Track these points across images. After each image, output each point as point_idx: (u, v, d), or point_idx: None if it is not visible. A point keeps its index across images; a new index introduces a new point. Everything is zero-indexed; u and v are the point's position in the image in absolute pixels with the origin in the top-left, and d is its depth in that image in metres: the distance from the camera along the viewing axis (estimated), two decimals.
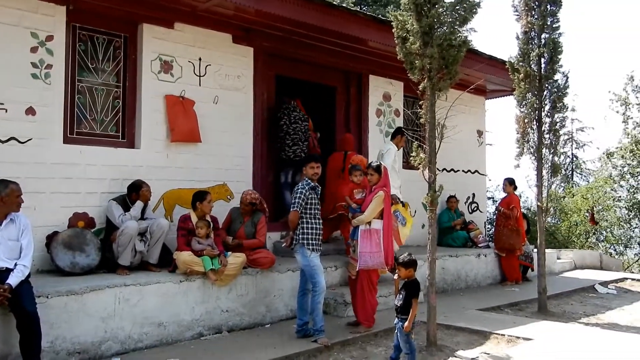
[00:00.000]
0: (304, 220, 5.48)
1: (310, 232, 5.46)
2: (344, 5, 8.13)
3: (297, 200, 5.47)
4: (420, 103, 5.53)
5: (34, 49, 5.68)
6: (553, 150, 7.27)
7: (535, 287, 7.43)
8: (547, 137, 7.23)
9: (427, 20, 5.26)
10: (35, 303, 4.32)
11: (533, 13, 7.20)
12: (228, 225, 6.37)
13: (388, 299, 6.58)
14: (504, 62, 7.68)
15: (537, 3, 7.19)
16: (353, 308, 6.03)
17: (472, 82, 7.30)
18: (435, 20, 5.29)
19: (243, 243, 6.15)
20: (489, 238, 10.46)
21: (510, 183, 9.51)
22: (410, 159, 5.63)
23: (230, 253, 5.84)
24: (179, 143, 6.66)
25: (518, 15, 7.36)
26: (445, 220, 9.79)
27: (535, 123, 7.21)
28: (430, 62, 5.28)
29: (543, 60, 7.20)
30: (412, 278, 4.75)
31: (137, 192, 5.88)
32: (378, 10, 18.47)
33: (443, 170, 9.77)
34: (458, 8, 5.38)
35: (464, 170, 10.81)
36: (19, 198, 4.49)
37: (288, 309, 6.26)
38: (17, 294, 4.20)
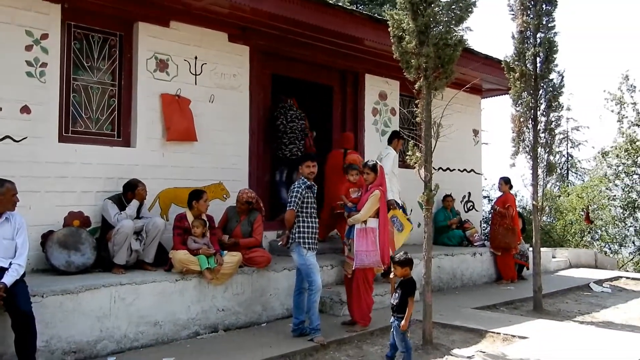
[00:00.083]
0: (300, 219, 5.48)
1: (307, 230, 5.47)
2: (340, 4, 8.14)
3: (293, 199, 5.47)
4: (416, 102, 5.54)
5: (29, 47, 5.65)
6: (548, 149, 7.30)
7: (531, 285, 7.47)
8: (542, 136, 7.26)
9: (423, 20, 5.27)
10: (31, 302, 4.30)
11: (529, 12, 7.23)
12: (224, 224, 6.37)
13: (384, 298, 6.58)
14: (500, 61, 7.68)
15: (532, 2, 7.21)
16: (349, 307, 6.04)
17: (468, 81, 7.30)
18: (431, 20, 5.30)
19: (239, 242, 6.15)
20: (485, 237, 10.50)
21: (506, 182, 9.53)
22: (407, 158, 5.63)
23: (226, 252, 5.84)
24: (175, 142, 6.65)
25: (514, 15, 7.38)
26: (441, 219, 9.80)
27: (531, 122, 7.23)
28: (426, 61, 5.28)
29: (538, 60, 7.23)
30: (408, 277, 4.77)
31: (132, 191, 5.86)
32: (374, 10, 18.47)
33: (439, 169, 9.78)
34: (454, 7, 5.39)
35: (460, 169, 10.84)
36: (15, 197, 4.47)
37: (284, 308, 6.27)
38: (12, 294, 4.19)
